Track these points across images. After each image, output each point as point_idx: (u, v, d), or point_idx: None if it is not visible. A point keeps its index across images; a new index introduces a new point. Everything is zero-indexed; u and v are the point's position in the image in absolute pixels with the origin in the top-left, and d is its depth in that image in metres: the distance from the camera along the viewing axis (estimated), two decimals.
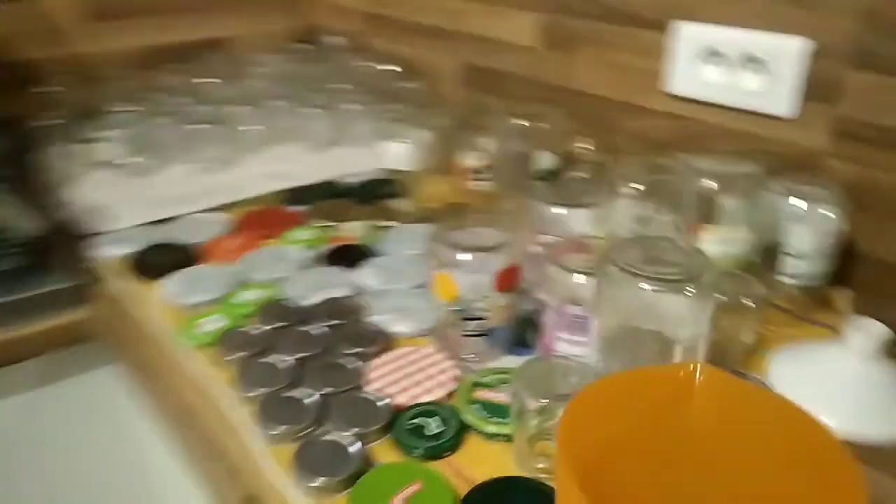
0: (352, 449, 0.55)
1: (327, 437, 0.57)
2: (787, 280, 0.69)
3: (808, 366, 0.61)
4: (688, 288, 0.49)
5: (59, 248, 0.83)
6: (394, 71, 1.25)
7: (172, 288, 0.78)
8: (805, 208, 0.67)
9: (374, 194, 1.01)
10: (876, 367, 0.58)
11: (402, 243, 0.87)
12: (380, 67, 1.25)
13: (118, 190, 1.00)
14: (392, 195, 1.01)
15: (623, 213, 0.68)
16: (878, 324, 0.58)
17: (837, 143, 0.74)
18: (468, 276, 0.63)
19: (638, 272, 0.51)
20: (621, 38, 0.91)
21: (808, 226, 0.67)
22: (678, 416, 0.39)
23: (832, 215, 0.66)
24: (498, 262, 0.63)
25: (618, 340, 0.54)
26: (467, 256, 0.63)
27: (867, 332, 0.58)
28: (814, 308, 0.71)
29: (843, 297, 0.73)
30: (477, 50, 1.13)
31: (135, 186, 1.02)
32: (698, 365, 0.39)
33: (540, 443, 0.54)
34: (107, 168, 1.06)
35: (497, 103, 1.10)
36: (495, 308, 0.65)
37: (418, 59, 1.25)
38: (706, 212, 0.67)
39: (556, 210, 0.72)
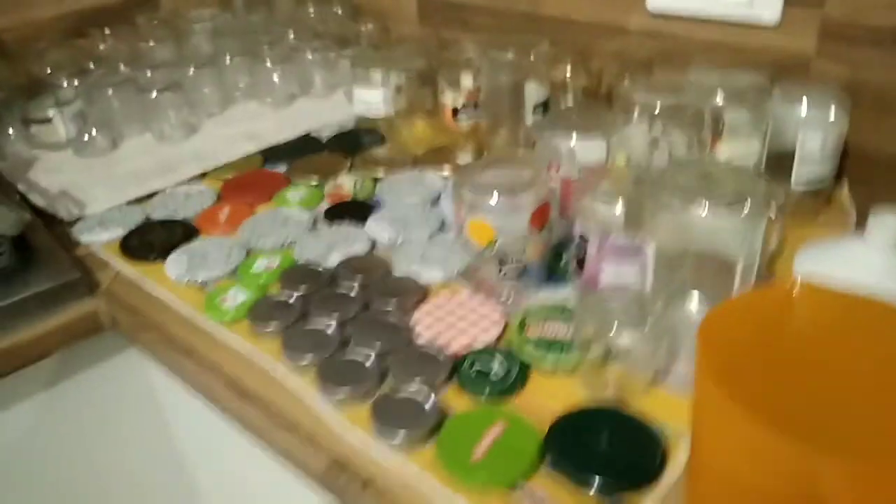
0: (425, 401, 0.55)
1: (399, 394, 0.56)
2: (795, 184, 0.72)
3: (833, 264, 0.64)
4: (744, 208, 0.51)
5: (42, 242, 0.78)
6: (342, 14, 1.20)
7: (178, 267, 0.75)
8: (809, 113, 0.69)
9: (353, 145, 0.98)
10: None
11: (400, 192, 0.85)
12: (330, 11, 1.20)
13: (82, 171, 0.94)
14: (372, 143, 0.99)
15: (637, 136, 0.69)
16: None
17: (825, 45, 0.76)
18: (503, 219, 0.63)
19: (694, 196, 0.51)
20: None
21: (813, 130, 0.69)
22: (790, 331, 0.41)
23: (834, 117, 0.69)
24: (529, 200, 0.63)
25: (671, 264, 0.56)
26: (501, 199, 0.63)
27: (888, 224, 0.61)
28: (821, 208, 0.75)
29: (843, 193, 0.77)
30: None
31: (98, 166, 0.95)
32: (798, 282, 0.41)
33: (604, 370, 0.55)
34: (62, 149, 0.99)
35: (461, 37, 1.08)
36: (531, 246, 0.65)
37: None
38: (717, 126, 0.69)
39: (567, 141, 0.72)
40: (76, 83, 1.02)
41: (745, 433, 0.33)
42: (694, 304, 0.58)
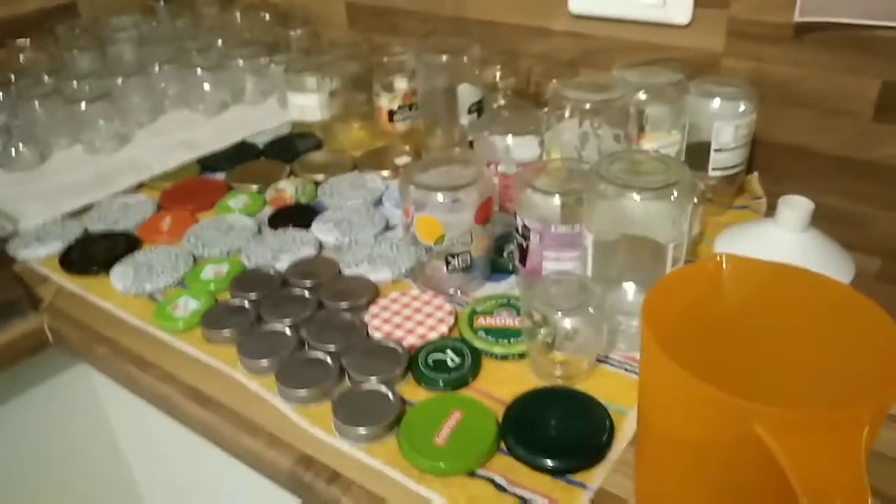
0: (385, 395, 0.58)
1: (358, 390, 0.59)
2: (711, 173, 0.78)
3: (750, 246, 0.70)
4: (673, 193, 0.55)
5: None
6: (270, 20, 1.20)
7: (124, 278, 0.75)
8: (722, 107, 0.75)
9: (290, 150, 1.00)
10: (807, 236, 0.68)
11: (342, 195, 0.87)
12: (257, 16, 1.20)
13: (11, 186, 0.92)
14: (309, 148, 1.00)
15: (568, 133, 0.73)
16: (803, 199, 0.68)
17: (732, 43, 0.82)
18: (450, 215, 0.66)
19: (627, 184, 0.56)
20: None
21: (725, 122, 0.75)
22: (721, 302, 0.45)
23: (743, 110, 0.75)
24: (473, 196, 0.66)
25: (608, 251, 0.60)
26: (448, 196, 0.66)
27: (795, 207, 0.67)
28: (735, 193, 0.81)
29: (754, 180, 0.83)
30: None
31: (28, 180, 0.93)
32: (724, 257, 0.46)
33: (551, 354, 0.59)
34: None
35: (391, 41, 1.10)
36: (476, 241, 0.68)
37: (296, 4, 1.21)
38: (640, 121, 0.74)
39: (503, 139, 0.76)
40: None
41: (687, 391, 0.38)
42: (630, 286, 0.62)
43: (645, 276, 0.61)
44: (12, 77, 1.04)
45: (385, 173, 0.92)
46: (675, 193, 0.55)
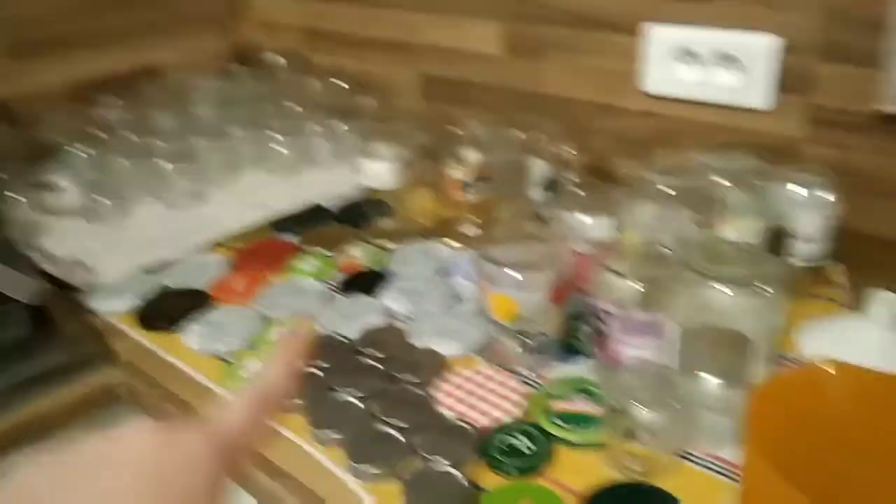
0: (456, 478, 0.57)
1: (428, 471, 0.57)
2: (792, 262, 0.76)
3: (835, 341, 0.68)
4: (763, 288, 0.54)
5: (58, 312, 0.78)
6: (344, 87, 1.24)
7: (197, 337, 0.75)
8: (806, 194, 0.73)
9: (361, 216, 1.01)
10: None
11: (412, 263, 0.88)
12: (333, 83, 1.24)
13: (93, 239, 0.95)
14: (380, 215, 1.01)
15: (644, 214, 0.73)
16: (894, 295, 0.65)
17: (815, 130, 0.81)
18: (525, 294, 0.66)
19: (715, 275, 0.55)
20: (590, 43, 0.96)
21: (808, 211, 0.73)
22: (827, 411, 0.43)
23: (829, 198, 0.73)
24: (550, 275, 0.66)
25: (689, 341, 0.58)
26: (524, 274, 0.65)
27: (890, 304, 0.65)
28: (817, 285, 0.79)
29: (837, 271, 0.81)
30: (436, 60, 1.14)
31: (109, 233, 0.96)
32: (830, 363, 0.44)
33: (629, 446, 0.57)
34: (70, 216, 0.99)
35: (461, 112, 1.12)
36: (551, 320, 0.67)
37: (368, 73, 1.25)
38: (719, 207, 0.73)
39: (578, 218, 0.75)
40: (86, 151, 1.04)
41: None
42: (713, 379, 0.60)
43: (730, 369, 0.59)
44: (100, 133, 1.09)
45: (454, 244, 0.92)
46: (766, 288, 0.54)
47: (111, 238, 0.95)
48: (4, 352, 0.72)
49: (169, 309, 0.80)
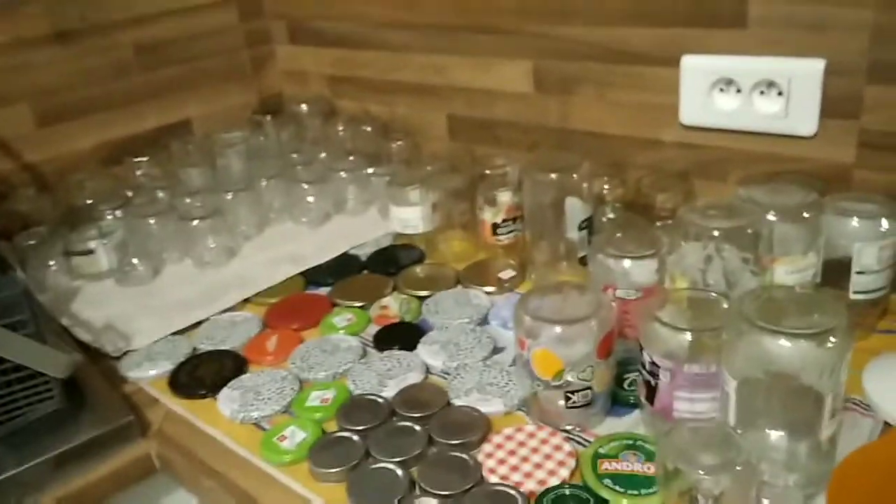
0: None
1: None
2: (852, 296, 0.71)
3: None
4: (831, 339, 0.50)
5: (90, 381, 0.77)
6: (372, 131, 1.23)
7: (231, 404, 0.73)
8: (862, 225, 0.69)
9: (393, 263, 0.99)
10: None
11: (447, 313, 0.85)
12: (360, 129, 1.23)
13: (125, 302, 0.94)
14: (412, 261, 0.99)
15: (690, 256, 0.69)
16: None
17: (866, 154, 0.77)
18: (569, 349, 0.62)
19: (777, 327, 0.51)
20: (622, 76, 0.93)
21: (867, 242, 0.69)
22: None
23: (889, 228, 0.69)
24: (595, 328, 0.62)
25: (751, 392, 0.54)
26: (566, 328, 0.62)
27: None
28: (878, 317, 0.74)
29: None
30: (465, 101, 1.12)
31: (141, 295, 0.95)
32: None
33: None
34: (103, 279, 0.99)
35: (491, 152, 1.10)
36: (598, 375, 0.64)
37: (397, 116, 1.23)
38: (771, 245, 0.69)
39: (620, 262, 0.72)
40: (117, 213, 1.04)
41: None
42: (776, 434, 0.56)
43: (795, 423, 0.55)
44: (129, 194, 1.09)
45: (490, 289, 0.90)
46: (833, 339, 0.50)
47: (144, 301, 0.94)
48: (37, 427, 0.70)
49: (202, 374, 0.79)
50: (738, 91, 0.83)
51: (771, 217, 0.68)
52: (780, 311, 0.53)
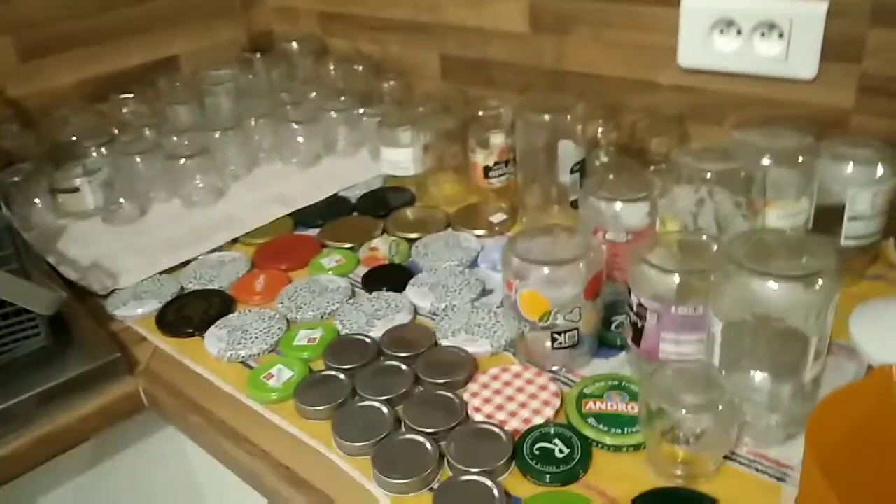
0: (490, 488, 0.54)
1: (461, 480, 0.55)
2: (844, 242, 0.71)
3: (889, 325, 0.63)
4: (819, 281, 0.49)
5: (77, 319, 0.76)
6: (364, 71, 1.20)
7: (219, 343, 0.73)
8: (857, 171, 0.68)
9: (383, 205, 0.98)
10: None
11: (435, 255, 0.84)
12: (351, 68, 1.20)
13: (112, 241, 0.93)
14: (402, 203, 0.98)
15: (682, 199, 0.68)
16: None
17: (865, 99, 0.76)
18: (557, 290, 0.62)
19: (765, 270, 0.50)
20: (620, 16, 0.90)
21: (861, 188, 0.68)
22: (889, 421, 0.39)
23: (882, 174, 0.68)
24: (583, 270, 0.62)
25: (736, 334, 0.54)
26: (554, 270, 0.61)
27: None
28: (869, 262, 0.74)
29: (890, 247, 0.75)
30: (458, 40, 1.09)
31: (128, 234, 0.94)
32: (894, 369, 0.40)
33: (672, 450, 0.53)
34: (90, 217, 0.98)
35: (484, 93, 1.08)
36: (585, 316, 0.63)
37: (389, 56, 1.21)
38: (765, 188, 0.68)
39: (611, 205, 0.71)
40: (102, 150, 1.02)
41: None
42: (760, 375, 0.56)
43: (780, 365, 0.55)
44: (115, 131, 1.07)
45: (480, 232, 0.89)
46: (821, 282, 0.49)
47: (131, 240, 0.93)
48: (23, 364, 0.70)
49: (190, 313, 0.78)
50: (739, 33, 0.81)
51: (765, 160, 0.67)
52: (769, 254, 0.52)
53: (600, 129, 0.91)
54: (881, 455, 0.39)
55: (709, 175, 0.64)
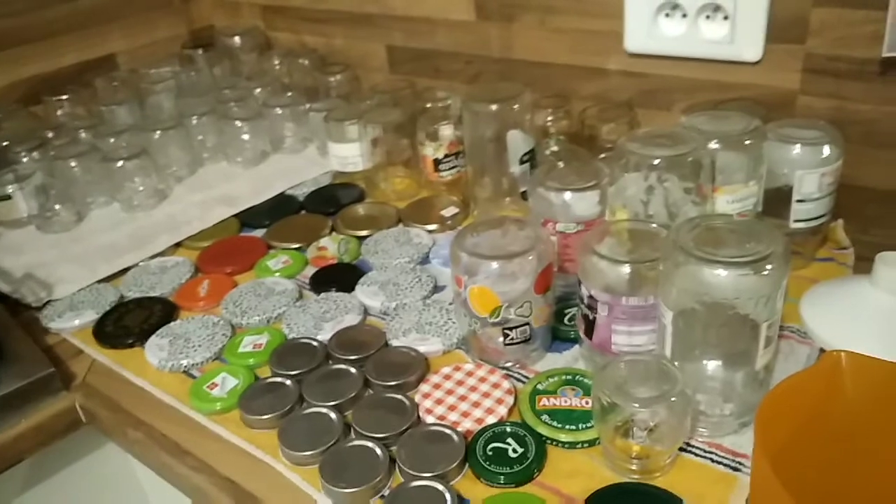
0: (442, 493, 0.52)
1: (412, 486, 0.53)
2: (793, 225, 0.70)
3: (844, 311, 0.63)
4: (767, 266, 0.48)
5: (8, 333, 0.72)
6: (310, 65, 1.17)
7: (159, 352, 0.70)
8: (804, 152, 0.68)
9: (332, 202, 0.95)
10: None
11: (385, 253, 0.82)
12: (295, 62, 1.17)
13: (47, 249, 0.89)
14: (351, 199, 0.95)
15: (632, 187, 0.67)
16: None
17: (810, 80, 0.75)
18: (506, 284, 0.60)
19: (713, 257, 0.49)
20: (564, 1, 0.89)
21: (809, 169, 0.68)
22: (841, 406, 0.38)
23: (828, 154, 0.68)
24: (532, 263, 0.60)
25: (688, 323, 0.53)
26: (503, 264, 0.60)
27: (892, 264, 0.60)
28: (818, 244, 0.74)
29: (839, 229, 0.75)
30: (403, 31, 1.07)
31: (65, 242, 0.90)
32: (843, 356, 0.39)
33: (626, 444, 0.52)
34: (23, 226, 0.94)
35: (432, 84, 1.06)
36: (536, 310, 0.62)
37: (335, 48, 1.18)
38: (714, 173, 0.67)
39: (560, 195, 0.69)
40: (35, 155, 0.97)
41: None
42: (713, 364, 0.55)
43: (731, 352, 0.54)
44: (49, 135, 1.02)
45: (431, 227, 0.87)
46: (770, 267, 0.48)
47: (67, 248, 0.89)
48: None
49: (129, 322, 0.75)
50: (684, 16, 0.80)
51: (713, 145, 0.66)
52: (718, 241, 0.51)
53: (550, 118, 0.90)
54: (831, 443, 0.38)
55: (657, 161, 0.63)
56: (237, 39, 1.24)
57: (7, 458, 0.66)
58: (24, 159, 0.97)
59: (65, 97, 1.11)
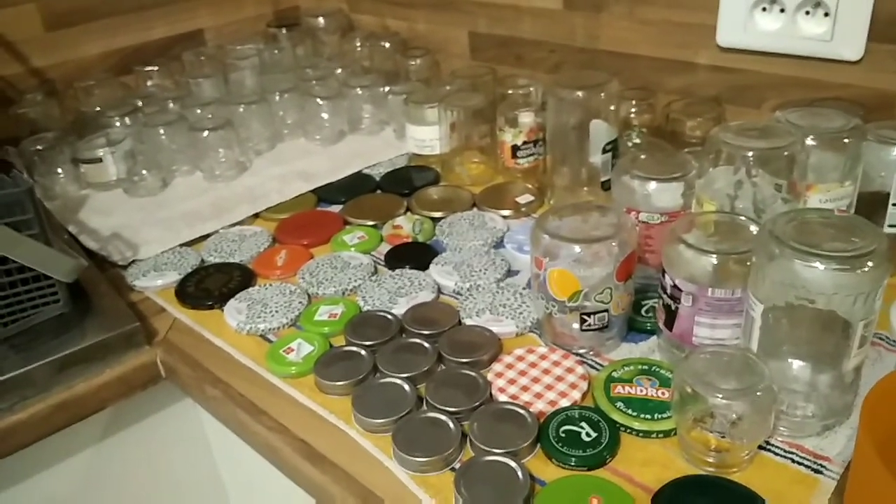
0: (514, 469, 0.52)
1: (483, 461, 0.53)
2: (887, 230, 0.68)
3: None
4: (868, 263, 0.47)
5: (97, 288, 0.75)
6: (391, 48, 1.18)
7: (238, 315, 0.72)
8: None
9: (407, 184, 0.96)
10: None
11: (460, 235, 0.82)
12: (378, 45, 1.18)
13: (133, 213, 0.92)
14: (427, 182, 0.96)
15: (720, 180, 0.66)
16: None
17: None
18: (588, 269, 0.60)
19: (811, 250, 0.48)
20: None
21: None
22: None
23: None
24: (615, 250, 0.60)
25: (775, 319, 0.52)
26: (586, 248, 0.59)
27: None
28: None
29: None
30: (487, 17, 1.07)
31: (150, 206, 0.93)
32: None
33: (705, 438, 0.51)
34: (112, 189, 0.97)
35: (513, 72, 1.05)
36: (616, 298, 0.61)
37: (417, 33, 1.19)
38: (807, 171, 0.65)
39: (645, 185, 0.68)
40: (126, 121, 1.01)
41: None
42: (797, 363, 0.54)
43: (820, 353, 0.52)
44: (139, 103, 1.06)
45: (506, 213, 0.87)
46: (870, 264, 0.47)
47: (152, 212, 0.92)
48: (42, 330, 0.70)
49: (210, 285, 0.77)
50: (782, 11, 0.78)
51: (809, 141, 0.64)
52: (814, 235, 0.50)
53: (633, 111, 0.88)
54: None
55: (750, 154, 0.61)
56: (321, 20, 1.26)
57: (90, 406, 0.68)
58: (116, 125, 1.00)
59: (154, 68, 1.15)
